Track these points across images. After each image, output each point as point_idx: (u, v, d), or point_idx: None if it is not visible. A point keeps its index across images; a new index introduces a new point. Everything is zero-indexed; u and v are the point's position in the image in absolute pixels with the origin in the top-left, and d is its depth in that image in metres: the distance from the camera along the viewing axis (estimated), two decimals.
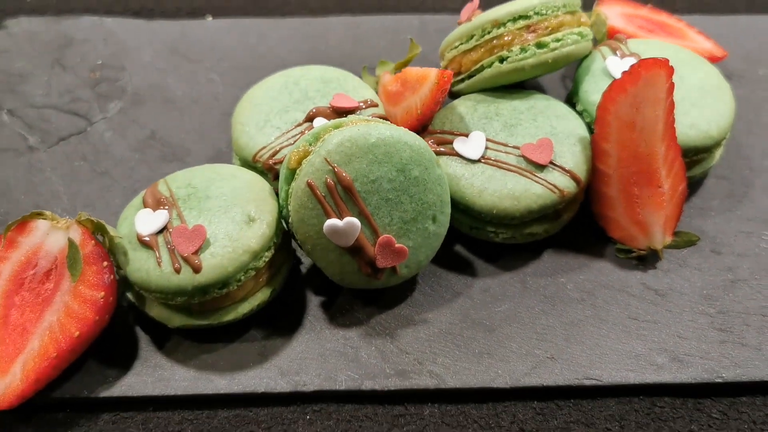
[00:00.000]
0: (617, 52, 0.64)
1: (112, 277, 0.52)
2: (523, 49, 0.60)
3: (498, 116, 0.61)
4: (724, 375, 0.54)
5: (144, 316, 0.56)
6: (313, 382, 0.54)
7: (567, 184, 0.57)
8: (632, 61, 0.62)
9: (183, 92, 0.74)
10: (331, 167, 0.52)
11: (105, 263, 0.52)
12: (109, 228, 0.53)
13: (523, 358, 0.55)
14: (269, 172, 0.59)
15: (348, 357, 0.55)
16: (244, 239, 0.52)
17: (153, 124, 0.71)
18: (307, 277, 0.60)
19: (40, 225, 0.53)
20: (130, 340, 0.56)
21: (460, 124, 0.60)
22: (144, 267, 0.52)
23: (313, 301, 0.58)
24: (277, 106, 0.62)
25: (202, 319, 0.54)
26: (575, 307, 0.58)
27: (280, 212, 0.55)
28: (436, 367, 0.54)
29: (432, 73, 0.58)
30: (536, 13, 0.60)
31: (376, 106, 0.62)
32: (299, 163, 0.53)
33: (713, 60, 0.71)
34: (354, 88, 0.64)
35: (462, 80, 0.64)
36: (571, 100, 0.66)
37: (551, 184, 0.57)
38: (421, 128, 0.61)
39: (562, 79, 0.75)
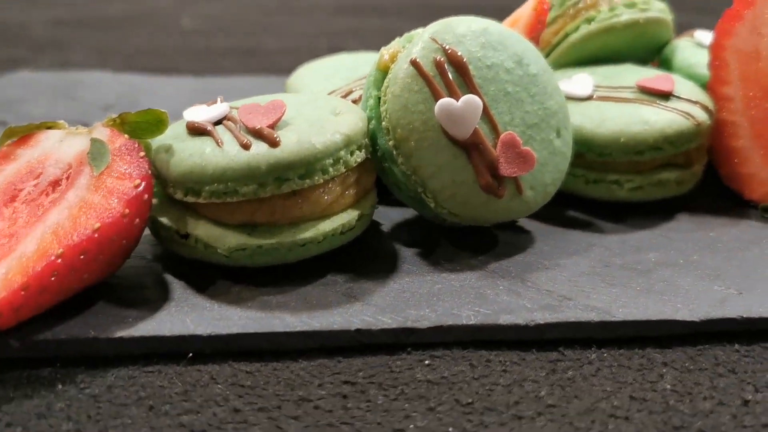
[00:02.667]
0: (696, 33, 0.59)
1: (150, 170, 0.38)
2: (612, 9, 0.54)
3: (595, 72, 0.53)
4: None
5: (178, 257, 0.40)
6: (429, 318, 0.37)
7: (699, 113, 0.48)
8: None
9: None
10: (439, 45, 0.42)
11: (141, 153, 0.38)
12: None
13: (703, 294, 0.40)
14: None
15: (470, 295, 0.40)
16: (332, 123, 0.40)
17: None
18: (393, 227, 0.46)
19: (51, 135, 0.40)
20: (159, 284, 0.39)
21: (556, 74, 0.52)
22: (198, 151, 0.38)
23: (403, 250, 0.44)
24: (337, 71, 0.54)
25: (269, 237, 0.38)
26: (743, 253, 0.45)
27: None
28: (593, 301, 0.39)
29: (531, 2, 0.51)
30: None
31: None
32: (394, 60, 0.43)
33: None
34: None
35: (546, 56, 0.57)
36: None
37: (683, 111, 0.48)
38: None
39: None
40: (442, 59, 0.41)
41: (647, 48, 0.57)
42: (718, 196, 0.52)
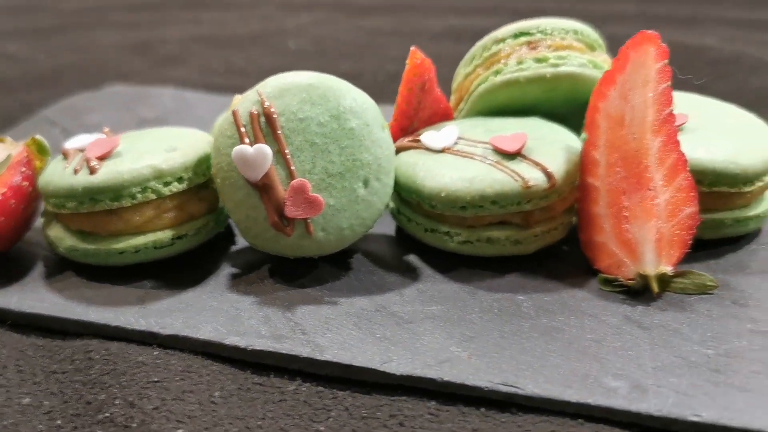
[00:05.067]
0: None
1: (25, 183, 0.50)
2: (519, 62, 0.55)
3: (484, 126, 0.54)
4: (702, 414, 0.37)
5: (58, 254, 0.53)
6: (171, 326, 0.45)
7: (534, 176, 0.48)
8: None
9: None
10: (259, 98, 0.48)
11: (23, 169, 0.51)
12: (47, 148, 0.53)
13: (432, 352, 0.42)
14: None
15: (227, 315, 0.46)
16: (152, 158, 0.49)
17: None
18: (237, 253, 0.54)
19: None
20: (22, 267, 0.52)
21: (450, 124, 0.55)
22: (51, 172, 0.50)
23: (224, 268, 0.51)
24: None
25: (93, 243, 0.49)
26: (523, 322, 0.45)
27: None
28: (321, 339, 0.44)
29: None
30: (540, 32, 0.56)
31: None
32: None
33: None
34: None
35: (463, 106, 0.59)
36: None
37: (514, 171, 0.48)
38: (409, 123, 0.56)
39: None
40: (256, 111, 0.48)
41: (568, 102, 0.56)
42: (574, 260, 0.51)
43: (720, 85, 0.85)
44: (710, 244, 0.51)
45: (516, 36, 0.56)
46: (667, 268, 0.46)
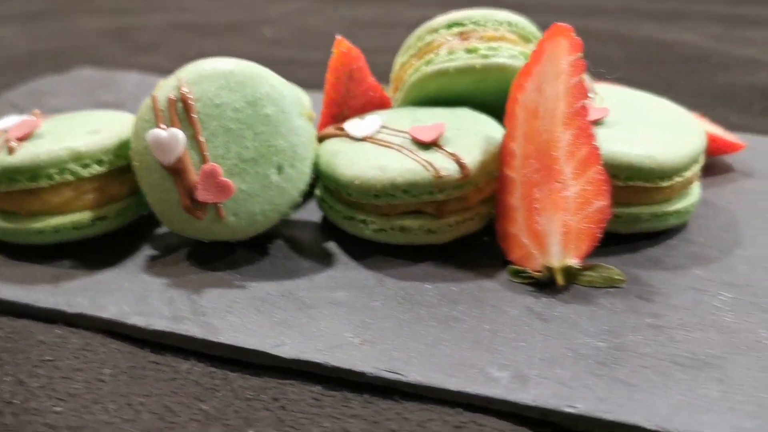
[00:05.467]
0: None
1: None
2: (450, 53, 0.55)
3: (412, 115, 0.54)
4: (578, 406, 0.37)
5: None
6: (79, 305, 0.46)
7: (446, 166, 0.48)
8: None
9: None
10: (178, 84, 0.49)
11: None
12: None
13: (326, 337, 0.43)
14: None
15: (135, 295, 0.47)
16: (72, 140, 0.49)
17: None
18: (159, 236, 0.54)
19: None
20: None
21: (372, 116, 0.55)
22: None
23: (143, 250, 0.52)
24: None
25: (16, 223, 0.50)
26: (423, 311, 0.45)
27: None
28: (219, 322, 0.44)
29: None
30: (473, 22, 0.55)
31: None
32: None
33: (730, 148, 0.60)
34: None
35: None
36: None
37: (427, 161, 0.48)
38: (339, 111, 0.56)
39: None
40: (174, 96, 0.48)
41: (499, 94, 0.56)
42: (490, 252, 0.51)
43: (685, 81, 0.85)
44: (629, 238, 0.51)
45: (449, 26, 0.56)
46: (574, 261, 0.46)
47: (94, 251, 0.51)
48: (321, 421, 0.38)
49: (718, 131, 0.61)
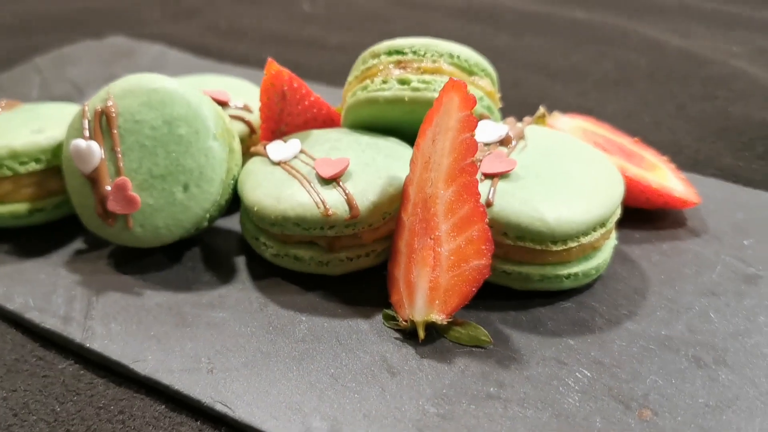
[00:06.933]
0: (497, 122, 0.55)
1: None
2: (384, 81, 0.55)
3: (335, 141, 0.55)
4: None
5: None
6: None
7: (338, 206, 0.49)
8: (504, 129, 0.54)
9: None
10: (107, 96, 0.52)
11: None
12: None
13: (184, 359, 0.46)
14: None
15: (45, 290, 0.52)
16: (12, 138, 0.54)
17: None
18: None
19: None
20: None
21: (298, 137, 0.56)
22: None
23: (74, 244, 0.57)
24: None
25: None
26: (286, 343, 0.47)
27: None
28: (101, 328, 0.48)
29: None
30: (413, 52, 0.55)
31: None
32: None
33: (679, 204, 0.58)
34: None
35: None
36: None
37: (320, 198, 0.50)
38: (276, 127, 0.58)
39: None
40: (100, 108, 0.52)
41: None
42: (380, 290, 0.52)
43: (700, 105, 0.80)
44: (524, 294, 0.51)
45: (389, 53, 0.56)
46: (438, 317, 0.46)
47: (27, 241, 0.57)
48: None
49: (673, 183, 0.59)
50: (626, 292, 0.51)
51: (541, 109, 0.61)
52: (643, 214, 0.59)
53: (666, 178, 0.59)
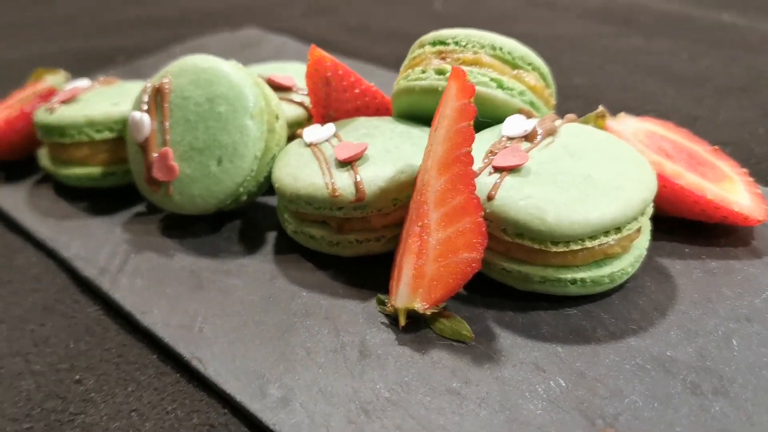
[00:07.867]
0: (533, 118, 0.52)
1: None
2: (423, 71, 0.55)
3: (372, 128, 0.56)
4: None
5: None
6: (49, 237, 0.59)
7: (346, 189, 0.50)
8: (531, 124, 0.51)
9: None
10: (165, 74, 0.57)
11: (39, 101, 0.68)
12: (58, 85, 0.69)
13: (183, 317, 0.50)
14: None
15: (95, 241, 0.58)
16: (93, 109, 0.62)
17: None
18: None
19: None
20: None
21: (339, 123, 0.58)
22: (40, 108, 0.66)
23: (137, 206, 0.63)
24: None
25: (54, 166, 0.64)
26: (279, 315, 0.49)
27: None
28: (125, 280, 0.53)
29: None
30: (455, 42, 0.55)
31: None
32: None
33: (740, 219, 0.51)
34: None
35: None
36: None
37: (331, 180, 0.51)
38: (325, 112, 0.60)
39: None
40: (157, 85, 0.57)
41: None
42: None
43: None
44: (529, 295, 0.48)
45: (433, 44, 0.56)
46: (420, 306, 0.46)
47: (101, 202, 0.63)
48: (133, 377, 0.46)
49: (738, 197, 0.52)
50: (645, 308, 0.47)
51: (600, 108, 0.57)
52: (703, 228, 0.53)
53: (731, 191, 0.53)
